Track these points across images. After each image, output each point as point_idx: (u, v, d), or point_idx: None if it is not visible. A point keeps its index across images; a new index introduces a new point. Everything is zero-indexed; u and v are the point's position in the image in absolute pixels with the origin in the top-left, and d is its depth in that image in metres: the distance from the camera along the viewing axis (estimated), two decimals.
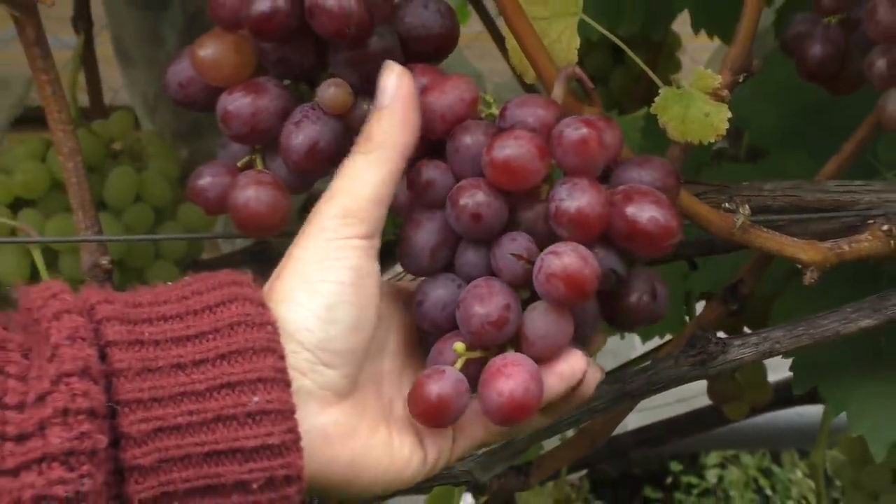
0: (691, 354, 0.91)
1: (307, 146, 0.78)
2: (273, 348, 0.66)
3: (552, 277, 0.71)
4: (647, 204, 0.73)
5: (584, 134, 0.72)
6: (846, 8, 0.92)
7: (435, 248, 0.76)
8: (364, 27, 0.75)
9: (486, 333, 0.72)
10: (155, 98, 1.37)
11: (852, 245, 0.87)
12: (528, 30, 0.82)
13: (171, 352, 0.65)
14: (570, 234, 0.72)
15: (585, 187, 0.72)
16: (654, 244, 0.73)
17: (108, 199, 1.23)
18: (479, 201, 0.72)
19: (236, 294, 0.68)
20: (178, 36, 1.32)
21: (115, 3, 1.35)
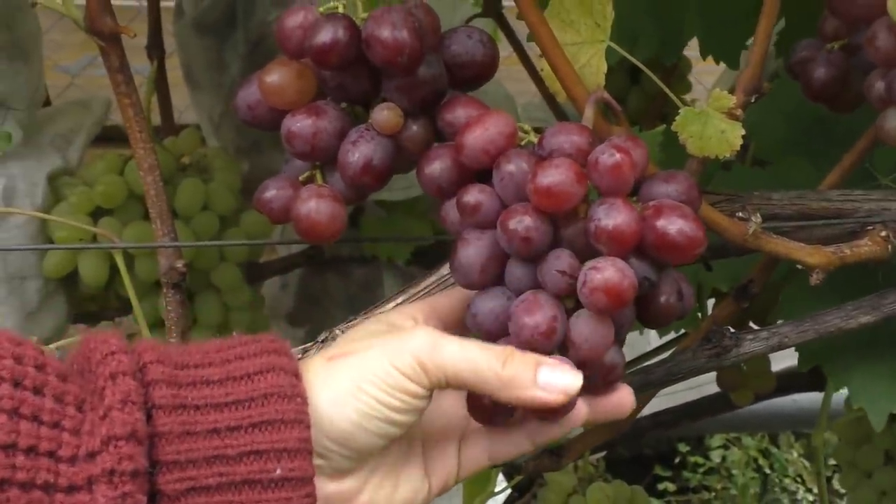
0: (707, 348, 0.91)
1: (363, 163, 0.78)
2: (300, 419, 0.66)
3: (595, 290, 0.71)
4: (676, 217, 0.73)
5: (618, 160, 0.72)
6: (847, 34, 0.92)
7: (485, 265, 0.76)
8: (415, 57, 0.75)
9: (536, 342, 0.73)
10: (220, 117, 1.38)
11: (853, 249, 0.87)
12: (561, 56, 0.82)
13: (209, 416, 0.65)
14: (608, 250, 0.72)
15: (620, 207, 0.72)
16: (684, 254, 0.73)
17: (178, 208, 1.23)
18: (528, 225, 0.72)
19: (273, 364, 0.67)
20: (240, 62, 1.33)
21: (183, 33, 1.36)
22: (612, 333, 0.74)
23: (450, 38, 0.82)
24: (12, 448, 0.61)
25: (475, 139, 0.75)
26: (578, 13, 0.86)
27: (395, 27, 0.74)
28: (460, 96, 0.79)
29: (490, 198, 0.75)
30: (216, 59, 1.33)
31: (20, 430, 0.61)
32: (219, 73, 1.34)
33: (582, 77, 0.84)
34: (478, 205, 0.75)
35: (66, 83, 2.23)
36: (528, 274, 0.75)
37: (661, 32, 1.18)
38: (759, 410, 1.86)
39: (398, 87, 0.78)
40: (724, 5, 1.12)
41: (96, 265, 1.19)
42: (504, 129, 0.76)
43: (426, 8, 0.80)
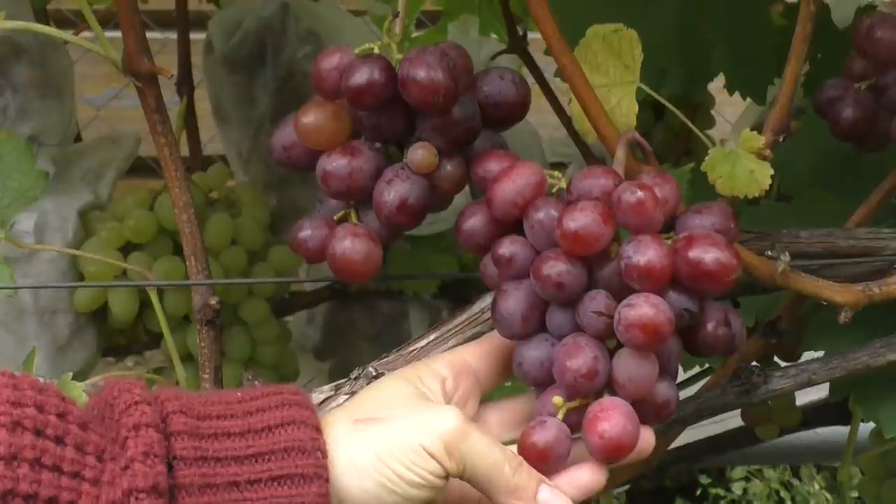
0: (736, 385, 0.91)
1: (398, 202, 0.79)
2: (319, 474, 0.67)
3: (630, 328, 0.72)
4: (708, 246, 0.74)
5: (640, 197, 0.73)
6: (874, 74, 0.93)
7: (525, 315, 0.77)
8: (450, 97, 0.76)
9: (579, 385, 0.74)
10: (248, 152, 1.39)
11: (882, 288, 0.87)
12: (592, 98, 0.83)
13: (229, 469, 0.66)
14: (641, 286, 0.73)
15: (649, 242, 0.73)
16: (719, 281, 0.74)
17: (207, 243, 1.24)
18: (560, 270, 0.74)
19: (294, 417, 0.68)
20: (270, 98, 1.34)
21: (213, 69, 1.37)
22: (655, 369, 0.74)
23: (483, 78, 0.83)
24: (34, 499, 0.61)
25: (504, 192, 0.77)
26: (606, 56, 0.87)
27: (431, 68, 0.75)
28: (491, 151, 0.81)
29: (523, 248, 0.76)
30: (245, 94, 1.34)
31: (42, 481, 0.62)
32: (248, 109, 1.35)
33: (612, 118, 0.85)
34: (512, 256, 0.76)
35: (92, 115, 2.24)
36: (567, 318, 0.76)
37: (688, 69, 1.19)
38: (782, 443, 1.85)
39: (433, 127, 0.79)
40: (749, 42, 1.13)
41: (126, 300, 1.20)
42: (531, 179, 0.77)
43: (460, 49, 0.81)
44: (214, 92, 1.38)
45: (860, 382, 1.01)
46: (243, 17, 1.32)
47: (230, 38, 1.32)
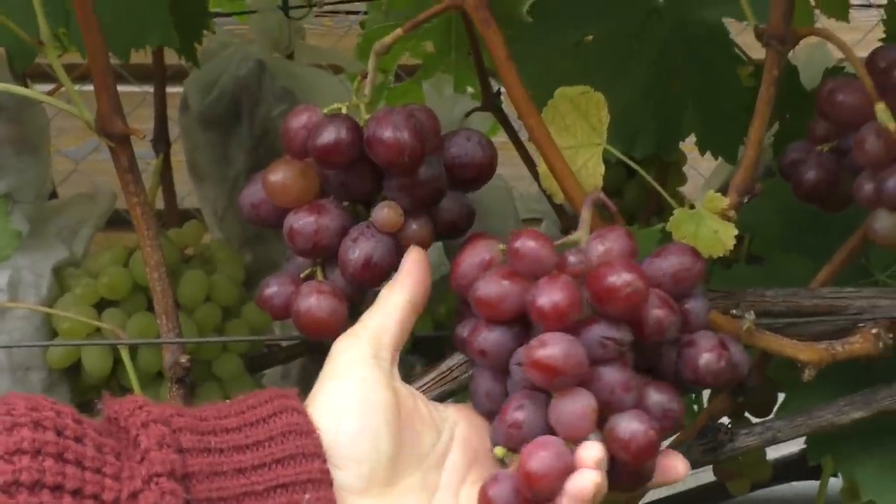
0: (702, 443, 0.92)
1: (363, 260, 0.80)
2: (318, 453, 0.71)
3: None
4: (617, 269, 0.74)
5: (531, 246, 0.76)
6: (837, 136, 0.94)
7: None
8: (416, 157, 0.77)
9: (511, 435, 0.75)
10: (224, 210, 1.39)
11: (845, 346, 0.88)
12: (559, 158, 0.84)
13: (233, 458, 0.69)
14: (545, 327, 0.73)
15: (556, 281, 0.73)
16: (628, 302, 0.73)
17: (181, 299, 1.24)
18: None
19: (285, 406, 0.72)
20: (245, 155, 1.35)
21: (188, 126, 1.38)
22: (584, 407, 0.73)
23: (450, 139, 0.84)
24: (59, 490, 0.64)
25: (454, 278, 0.80)
26: (574, 118, 0.88)
27: (397, 128, 0.76)
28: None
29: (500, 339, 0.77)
30: (221, 152, 1.35)
31: (66, 473, 0.64)
32: (223, 167, 1.36)
33: (579, 178, 0.86)
34: (484, 351, 0.77)
35: (70, 169, 2.24)
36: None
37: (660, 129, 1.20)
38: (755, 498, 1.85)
39: (399, 187, 0.80)
40: (720, 102, 1.14)
41: (100, 357, 1.20)
42: (478, 259, 0.79)
43: (427, 110, 0.82)
44: (190, 149, 1.39)
45: (838, 443, 1.01)
46: (219, 76, 1.33)
47: (206, 96, 1.33)
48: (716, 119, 1.18)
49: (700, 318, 0.79)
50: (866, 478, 1.00)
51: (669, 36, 1.10)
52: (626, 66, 1.13)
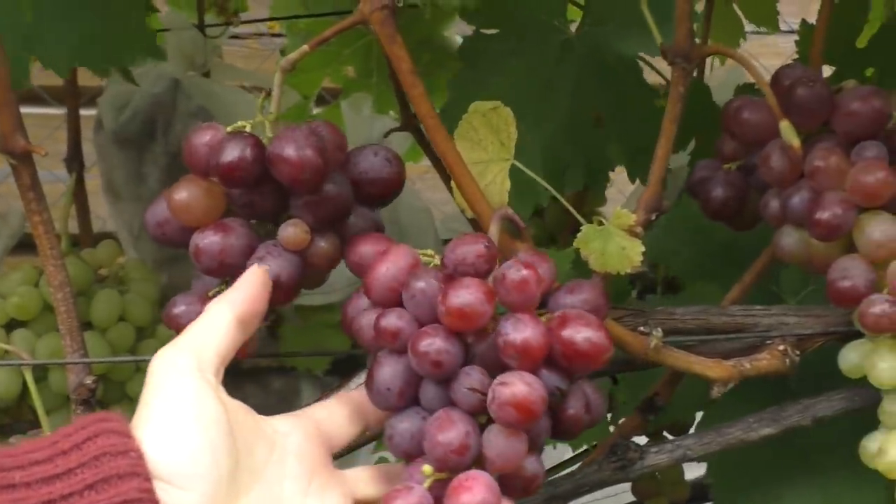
0: (613, 461, 0.92)
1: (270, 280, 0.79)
2: (137, 472, 0.66)
3: (504, 405, 0.72)
4: (580, 326, 0.74)
5: (525, 275, 0.74)
6: (744, 155, 0.94)
7: (402, 389, 0.76)
8: (319, 174, 0.77)
9: (449, 459, 0.74)
10: (139, 229, 1.38)
11: (753, 363, 0.89)
12: (466, 174, 0.84)
13: (40, 490, 0.65)
14: (517, 364, 0.73)
15: (527, 321, 0.73)
16: (591, 361, 0.75)
17: (94, 320, 1.23)
18: (439, 348, 0.73)
19: (102, 429, 0.68)
20: (160, 174, 1.34)
21: (103, 145, 1.36)
22: (525, 446, 0.74)
23: (357, 155, 0.83)
24: None
25: (378, 281, 0.77)
26: (485, 132, 0.88)
27: (299, 146, 0.76)
28: (364, 235, 0.81)
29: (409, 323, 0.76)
30: (136, 171, 1.34)
31: None
32: (138, 186, 1.35)
33: (487, 194, 0.85)
34: (397, 330, 0.76)
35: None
36: (441, 393, 0.76)
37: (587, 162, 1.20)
38: None
39: (304, 205, 0.79)
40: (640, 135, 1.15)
41: (8, 379, 1.18)
42: (403, 263, 0.77)
43: (332, 127, 0.81)
44: (105, 169, 1.38)
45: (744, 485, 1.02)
46: (133, 94, 1.32)
47: (120, 114, 1.32)
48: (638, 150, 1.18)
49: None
50: None
51: (583, 68, 1.10)
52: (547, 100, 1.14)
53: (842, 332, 0.91)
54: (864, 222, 0.85)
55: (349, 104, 1.40)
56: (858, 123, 0.87)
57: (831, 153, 0.86)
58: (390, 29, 0.81)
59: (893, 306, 0.83)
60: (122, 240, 1.42)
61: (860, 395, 0.92)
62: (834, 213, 0.84)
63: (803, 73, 0.90)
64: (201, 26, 1.44)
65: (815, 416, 0.92)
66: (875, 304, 0.83)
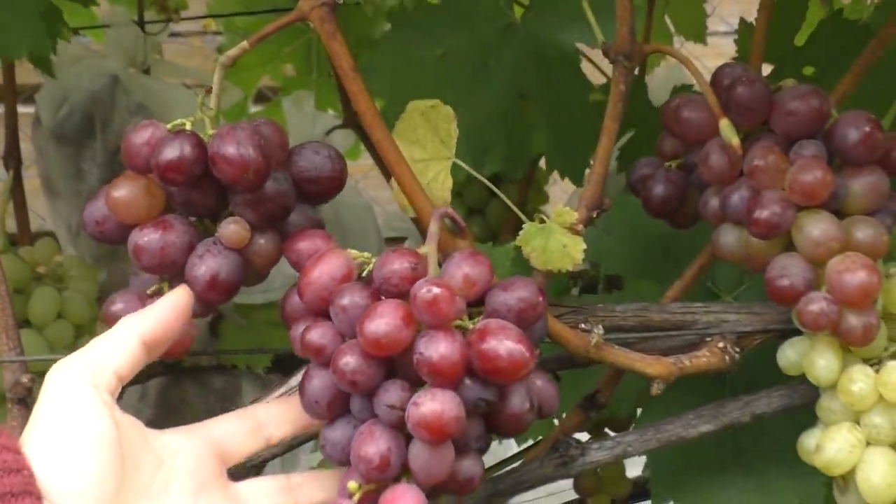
0: (555, 457, 0.92)
1: (209, 276, 0.78)
2: (30, 490, 0.66)
3: (417, 426, 0.72)
4: (501, 339, 0.73)
5: (436, 294, 0.73)
6: (684, 153, 0.95)
7: (330, 402, 0.76)
8: (260, 173, 0.76)
9: (372, 475, 0.73)
10: (77, 227, 1.36)
11: (692, 360, 0.89)
12: (407, 172, 0.84)
13: None
14: (432, 382, 0.72)
15: (440, 339, 0.72)
16: (511, 375, 0.73)
17: (31, 317, 1.21)
18: (354, 368, 0.73)
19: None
20: (99, 171, 1.32)
21: (42, 143, 1.35)
22: (450, 457, 0.74)
23: (298, 153, 0.82)
24: None
25: (310, 286, 0.77)
26: (424, 131, 0.88)
27: (241, 144, 0.75)
28: (303, 231, 0.80)
29: (333, 339, 0.76)
30: (74, 168, 1.32)
31: None
32: (77, 183, 1.33)
33: (429, 192, 0.85)
34: (321, 347, 0.76)
35: None
36: (368, 405, 0.75)
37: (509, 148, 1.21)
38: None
39: (245, 203, 0.78)
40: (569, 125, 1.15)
41: None
42: (337, 272, 0.77)
43: (273, 125, 0.81)
44: (43, 165, 1.36)
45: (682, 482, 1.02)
46: (71, 90, 1.30)
47: (58, 110, 1.30)
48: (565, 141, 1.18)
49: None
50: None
51: (523, 54, 1.10)
52: (480, 81, 1.14)
53: (781, 329, 0.92)
54: (803, 221, 0.85)
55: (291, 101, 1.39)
56: (797, 122, 0.87)
57: (770, 152, 0.86)
58: (331, 26, 0.80)
59: (831, 304, 0.83)
60: (60, 237, 1.41)
61: (799, 391, 0.92)
62: (773, 211, 0.85)
63: (742, 72, 0.90)
64: (141, 23, 1.43)
65: (754, 413, 0.92)
66: (813, 303, 0.84)
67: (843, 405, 0.87)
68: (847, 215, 0.87)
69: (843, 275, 0.83)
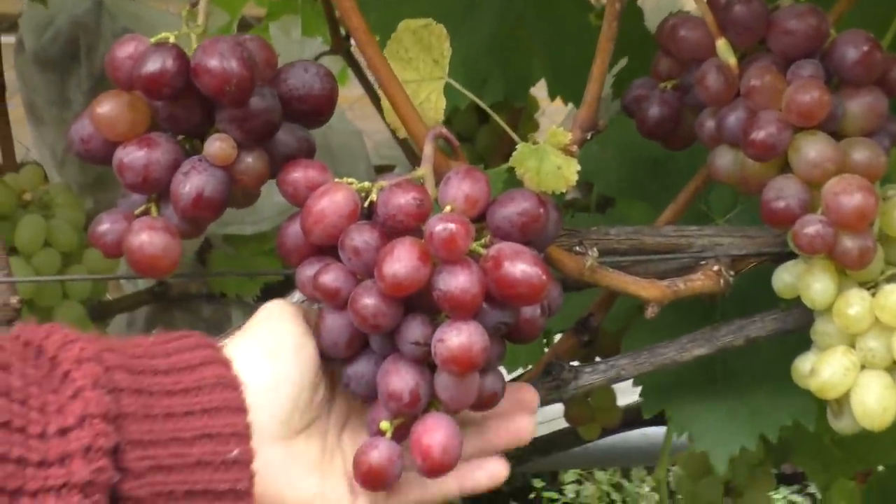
0: (547, 381, 0.91)
1: (194, 194, 0.76)
2: (244, 408, 0.70)
3: (445, 361, 0.71)
4: (517, 265, 0.72)
5: (452, 232, 0.71)
6: (680, 73, 0.93)
7: (350, 342, 0.75)
8: (244, 87, 0.74)
9: (403, 411, 0.73)
10: (63, 154, 1.34)
11: (687, 283, 0.88)
12: (400, 93, 0.82)
13: (163, 402, 0.68)
14: (454, 315, 0.71)
15: (458, 272, 0.71)
16: (530, 299, 0.72)
17: (18, 245, 1.20)
18: (375, 311, 0.72)
19: (212, 357, 0.71)
20: (84, 97, 1.30)
21: (25, 68, 1.32)
22: (476, 383, 0.73)
23: (286, 71, 0.80)
24: None
25: (317, 226, 0.75)
26: (417, 51, 0.85)
27: (224, 57, 0.73)
28: (297, 161, 0.78)
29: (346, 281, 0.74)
30: (59, 94, 1.30)
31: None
32: (62, 109, 1.31)
33: (421, 113, 0.83)
34: (337, 290, 0.74)
35: None
36: (387, 341, 0.74)
37: (509, 75, 1.19)
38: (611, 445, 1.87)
39: (230, 119, 0.76)
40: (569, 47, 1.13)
41: None
42: (344, 210, 0.75)
43: (260, 41, 0.78)
44: (27, 92, 1.33)
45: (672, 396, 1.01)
46: (55, 15, 1.27)
47: (41, 35, 1.27)
48: (564, 64, 1.16)
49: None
50: (699, 429, 1.00)
51: None
52: (473, 10, 1.11)
53: (775, 252, 0.91)
54: (800, 142, 0.84)
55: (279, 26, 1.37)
56: (795, 42, 0.85)
57: (767, 72, 0.84)
58: None
59: (827, 227, 0.82)
60: (45, 166, 1.38)
61: (793, 315, 0.91)
62: (769, 132, 0.83)
63: None
64: None
65: (748, 337, 0.92)
66: (809, 225, 0.82)
67: (838, 329, 0.86)
68: (844, 137, 0.85)
69: (839, 196, 0.82)
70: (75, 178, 1.34)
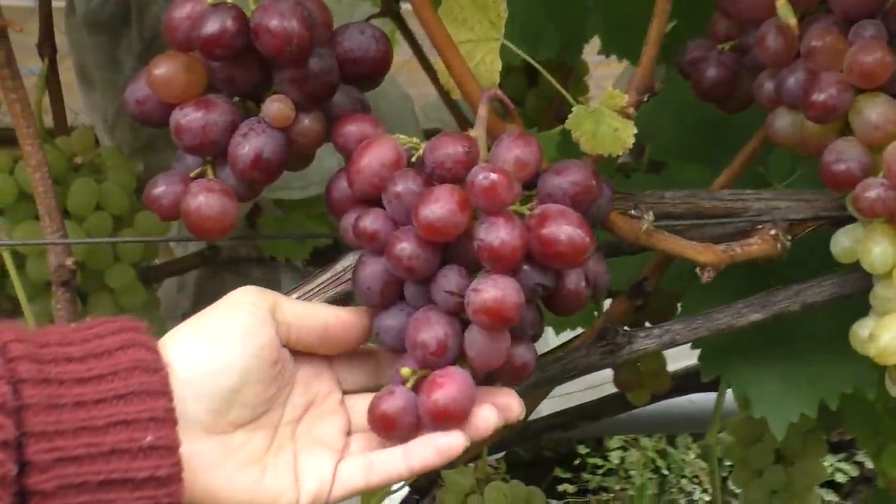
0: (601, 345, 0.90)
1: (252, 156, 0.76)
2: (164, 391, 0.67)
3: (477, 313, 0.71)
4: (561, 224, 0.72)
5: (493, 180, 0.71)
6: (738, 34, 0.92)
7: (384, 288, 0.75)
8: (304, 47, 0.74)
9: (428, 360, 0.73)
10: (114, 117, 1.34)
11: (743, 248, 0.87)
12: (455, 54, 0.81)
13: (73, 390, 0.65)
14: (492, 268, 0.71)
15: (500, 224, 0.71)
16: (572, 260, 0.72)
17: (70, 208, 1.20)
18: (410, 254, 0.72)
19: (133, 340, 0.68)
20: (135, 60, 1.30)
21: (75, 31, 1.32)
22: (506, 343, 0.73)
23: (342, 33, 0.80)
24: None
25: (361, 174, 0.75)
26: (472, 11, 0.85)
27: (284, 16, 0.73)
28: (351, 114, 0.79)
29: (385, 224, 0.74)
30: (109, 57, 1.30)
31: None
32: (112, 72, 1.31)
33: (476, 75, 0.83)
34: (374, 233, 0.74)
35: None
36: (423, 291, 0.74)
37: (562, 33, 1.18)
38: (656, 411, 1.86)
39: (289, 80, 0.76)
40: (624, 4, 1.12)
41: None
42: (388, 159, 0.75)
43: (317, 1, 0.78)
44: (78, 55, 1.34)
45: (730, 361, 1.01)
46: None
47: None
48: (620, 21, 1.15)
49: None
50: (757, 394, 1.00)
51: None
52: None
53: (833, 216, 0.90)
54: (861, 104, 0.83)
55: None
56: (856, 1, 0.84)
57: (828, 32, 0.83)
58: None
59: (889, 190, 0.81)
60: (97, 129, 1.39)
61: (850, 280, 0.90)
62: (830, 94, 0.82)
63: None
64: None
65: (805, 302, 0.91)
66: (870, 188, 0.81)
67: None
68: None
69: None
70: (126, 141, 1.35)
